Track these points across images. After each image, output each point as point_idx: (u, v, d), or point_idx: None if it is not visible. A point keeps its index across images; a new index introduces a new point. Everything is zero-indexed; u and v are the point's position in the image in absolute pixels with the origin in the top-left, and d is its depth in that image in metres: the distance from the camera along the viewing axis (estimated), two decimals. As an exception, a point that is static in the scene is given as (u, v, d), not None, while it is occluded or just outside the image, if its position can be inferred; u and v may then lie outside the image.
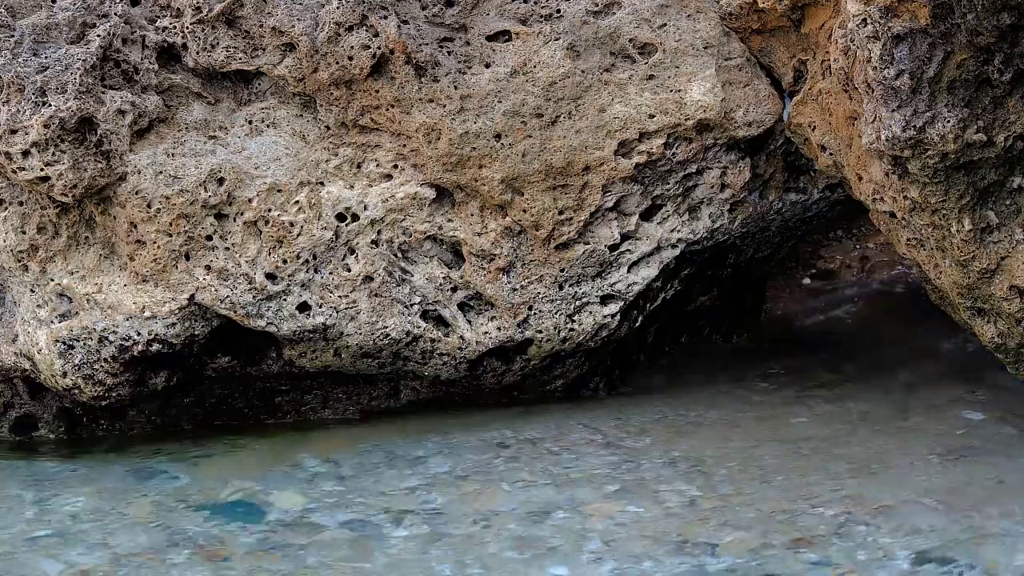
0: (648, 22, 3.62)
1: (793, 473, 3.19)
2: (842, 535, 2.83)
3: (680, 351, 4.23)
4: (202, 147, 3.54)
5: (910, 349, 4.20)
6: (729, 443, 3.43)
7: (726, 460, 3.31)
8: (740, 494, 3.08)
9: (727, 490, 3.11)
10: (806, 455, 3.33)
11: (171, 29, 3.56)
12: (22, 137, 3.41)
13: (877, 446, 3.37)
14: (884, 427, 3.52)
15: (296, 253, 3.53)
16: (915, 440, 3.39)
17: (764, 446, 3.40)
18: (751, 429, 3.55)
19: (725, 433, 3.52)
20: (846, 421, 3.59)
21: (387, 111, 3.54)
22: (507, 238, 3.59)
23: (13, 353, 3.62)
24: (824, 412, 3.67)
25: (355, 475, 3.34)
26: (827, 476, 3.17)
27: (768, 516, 2.94)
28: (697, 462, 3.31)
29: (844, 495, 3.04)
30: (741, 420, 3.64)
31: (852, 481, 3.13)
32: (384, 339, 3.59)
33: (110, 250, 3.55)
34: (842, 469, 3.22)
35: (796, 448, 3.38)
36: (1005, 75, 2.88)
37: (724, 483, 3.15)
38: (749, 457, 3.32)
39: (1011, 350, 3.29)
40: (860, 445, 3.39)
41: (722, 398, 3.84)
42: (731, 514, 2.97)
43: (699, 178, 3.67)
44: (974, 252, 3.11)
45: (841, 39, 3.15)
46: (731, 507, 3.00)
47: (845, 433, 3.49)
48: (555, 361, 3.76)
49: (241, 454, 3.56)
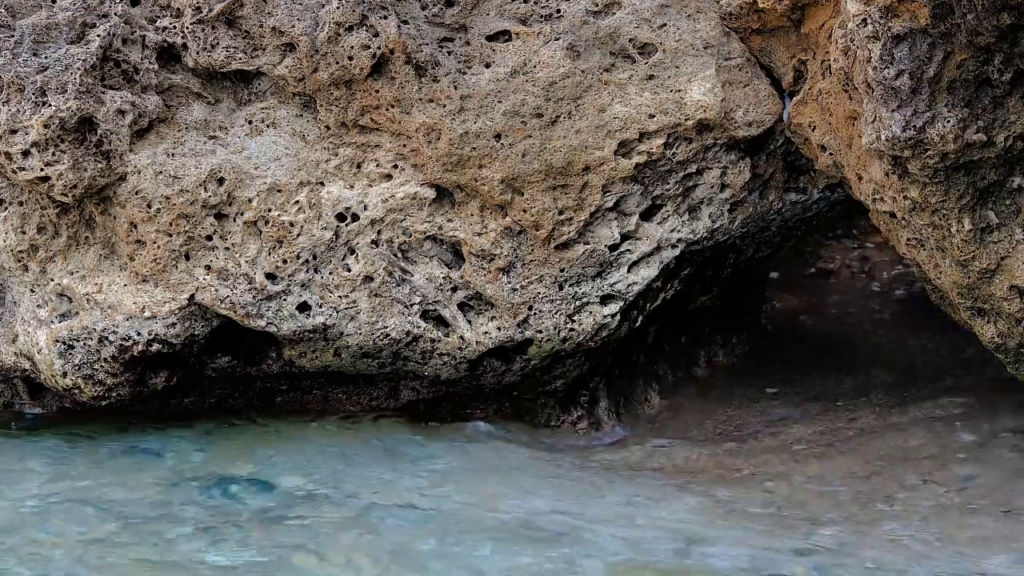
0: (648, 22, 3.62)
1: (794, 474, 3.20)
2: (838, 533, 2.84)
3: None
4: (202, 147, 3.54)
5: (909, 351, 4.21)
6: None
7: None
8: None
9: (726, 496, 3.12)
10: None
11: (171, 29, 3.56)
12: (22, 137, 3.41)
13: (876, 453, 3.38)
14: (882, 431, 3.53)
15: (296, 253, 3.53)
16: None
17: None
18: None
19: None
20: (847, 421, 3.59)
21: (387, 111, 3.54)
22: (507, 238, 3.59)
23: (13, 353, 3.62)
24: (824, 413, 3.67)
25: (356, 468, 3.34)
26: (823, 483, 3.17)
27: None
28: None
29: (841, 506, 3.04)
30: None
31: (850, 481, 3.13)
32: (384, 339, 3.59)
33: (110, 250, 3.55)
34: (843, 470, 3.22)
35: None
36: (1005, 75, 2.88)
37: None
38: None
39: (1011, 350, 3.29)
40: (861, 445, 3.39)
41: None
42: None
43: (699, 178, 3.67)
44: (974, 252, 3.11)
45: (841, 39, 3.15)
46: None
47: (844, 438, 3.49)
48: (555, 361, 3.76)
49: (242, 439, 3.56)
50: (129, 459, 3.39)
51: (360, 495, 3.13)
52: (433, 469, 3.34)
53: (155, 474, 3.26)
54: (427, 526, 2.94)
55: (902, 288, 4.84)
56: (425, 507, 3.08)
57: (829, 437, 3.49)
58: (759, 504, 3.06)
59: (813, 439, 3.48)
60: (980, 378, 3.82)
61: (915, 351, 4.18)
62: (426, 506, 3.08)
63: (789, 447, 3.44)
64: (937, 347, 4.19)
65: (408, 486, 3.22)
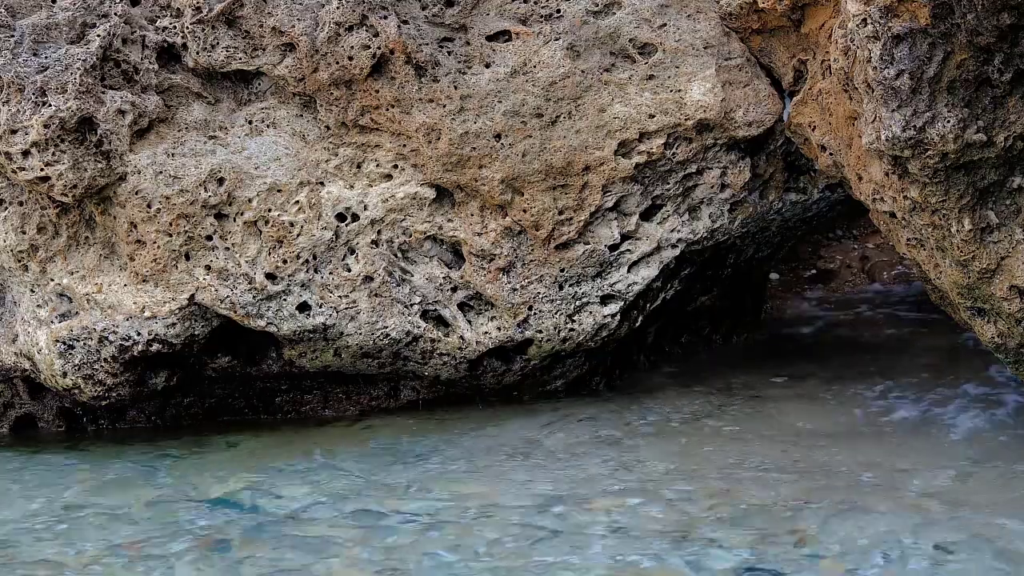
0: (648, 22, 3.62)
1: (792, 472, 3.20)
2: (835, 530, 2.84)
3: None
4: (202, 147, 3.54)
5: (908, 349, 4.21)
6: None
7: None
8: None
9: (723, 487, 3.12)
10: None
11: (171, 29, 3.56)
12: (22, 137, 3.41)
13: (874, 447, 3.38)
14: (881, 428, 3.53)
15: (296, 253, 3.53)
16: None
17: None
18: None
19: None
20: (845, 422, 3.59)
21: (387, 111, 3.54)
22: (507, 238, 3.59)
23: (13, 353, 3.62)
24: (823, 412, 3.67)
25: (357, 471, 3.35)
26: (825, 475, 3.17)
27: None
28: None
29: (840, 493, 3.04)
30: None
31: (849, 481, 3.13)
32: (384, 339, 3.59)
33: (110, 250, 3.55)
34: (842, 469, 3.22)
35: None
36: (1005, 75, 2.88)
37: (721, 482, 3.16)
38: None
39: (1011, 350, 3.29)
40: (860, 445, 3.39)
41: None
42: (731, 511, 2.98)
43: (699, 178, 3.67)
44: (974, 252, 3.11)
45: (841, 39, 3.15)
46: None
47: (844, 433, 3.49)
48: (555, 361, 3.76)
49: (241, 449, 3.56)
50: (128, 475, 3.40)
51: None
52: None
53: (153, 491, 3.27)
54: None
55: (902, 288, 4.84)
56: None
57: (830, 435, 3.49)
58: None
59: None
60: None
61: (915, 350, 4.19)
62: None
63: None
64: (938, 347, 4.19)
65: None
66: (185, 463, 3.47)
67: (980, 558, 2.69)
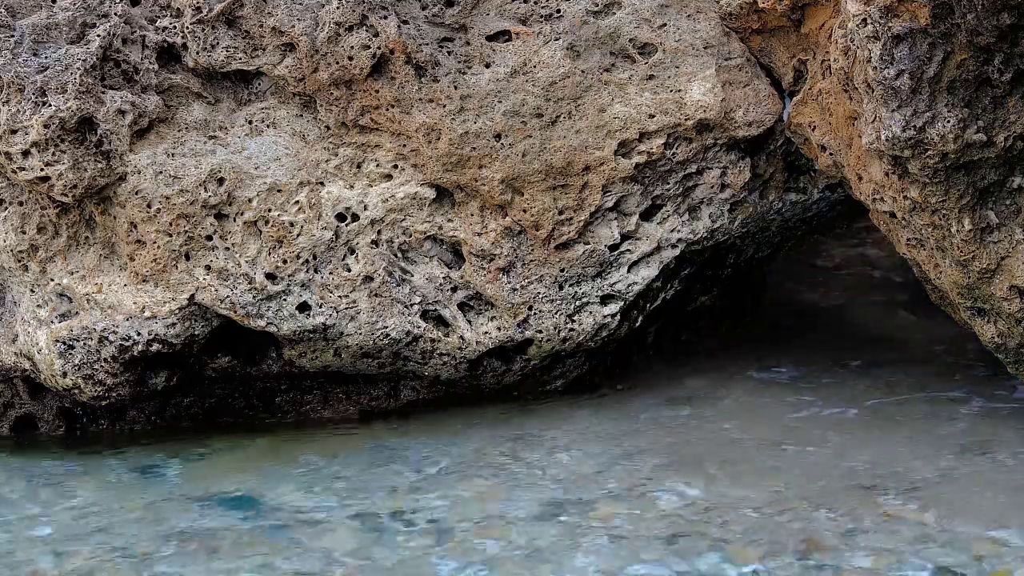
0: (648, 22, 3.62)
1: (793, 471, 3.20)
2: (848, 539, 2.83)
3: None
4: (202, 147, 3.54)
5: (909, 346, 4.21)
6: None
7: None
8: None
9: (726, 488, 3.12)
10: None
11: (171, 29, 3.56)
12: (22, 137, 3.41)
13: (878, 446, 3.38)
14: (883, 427, 3.53)
15: (296, 253, 3.53)
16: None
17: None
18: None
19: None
20: (845, 420, 3.59)
21: (387, 111, 3.54)
22: (507, 238, 3.59)
23: (13, 353, 3.62)
24: (825, 408, 3.67)
25: (357, 471, 3.35)
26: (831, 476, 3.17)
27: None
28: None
29: (842, 492, 3.04)
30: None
31: (855, 482, 3.13)
32: (384, 339, 3.59)
33: (110, 250, 3.55)
34: (843, 468, 3.22)
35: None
36: (1005, 75, 2.88)
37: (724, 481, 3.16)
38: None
39: (1011, 350, 3.29)
40: (864, 441, 3.39)
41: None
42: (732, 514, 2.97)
43: (699, 178, 3.67)
44: (974, 252, 3.11)
45: (841, 39, 3.15)
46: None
47: (845, 430, 3.49)
48: (555, 361, 3.76)
49: (241, 451, 3.56)
50: (128, 475, 3.40)
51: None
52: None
53: (153, 491, 3.27)
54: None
55: (902, 287, 4.84)
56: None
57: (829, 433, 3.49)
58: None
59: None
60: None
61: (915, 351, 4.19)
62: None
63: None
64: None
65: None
66: (185, 463, 3.47)
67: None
